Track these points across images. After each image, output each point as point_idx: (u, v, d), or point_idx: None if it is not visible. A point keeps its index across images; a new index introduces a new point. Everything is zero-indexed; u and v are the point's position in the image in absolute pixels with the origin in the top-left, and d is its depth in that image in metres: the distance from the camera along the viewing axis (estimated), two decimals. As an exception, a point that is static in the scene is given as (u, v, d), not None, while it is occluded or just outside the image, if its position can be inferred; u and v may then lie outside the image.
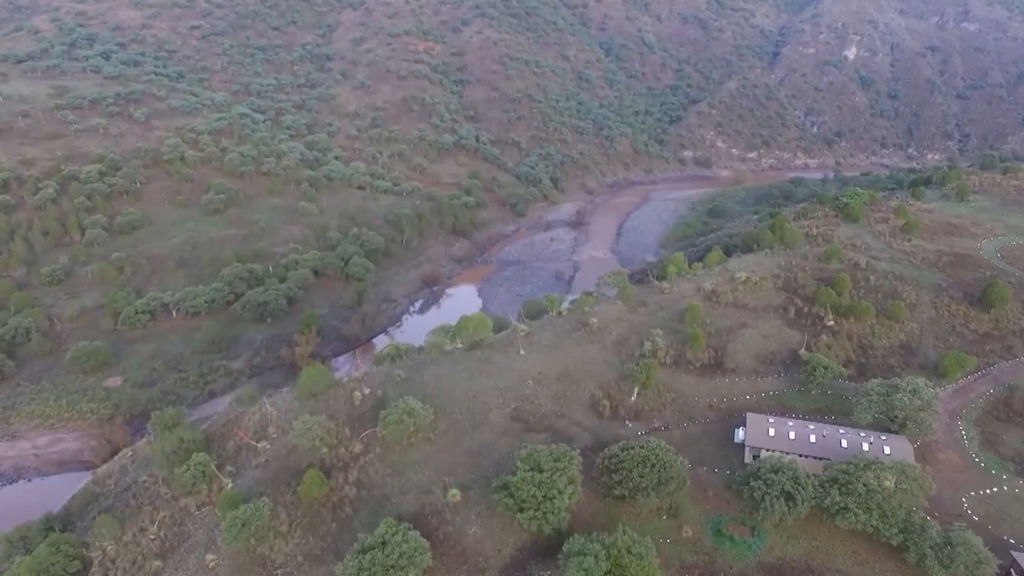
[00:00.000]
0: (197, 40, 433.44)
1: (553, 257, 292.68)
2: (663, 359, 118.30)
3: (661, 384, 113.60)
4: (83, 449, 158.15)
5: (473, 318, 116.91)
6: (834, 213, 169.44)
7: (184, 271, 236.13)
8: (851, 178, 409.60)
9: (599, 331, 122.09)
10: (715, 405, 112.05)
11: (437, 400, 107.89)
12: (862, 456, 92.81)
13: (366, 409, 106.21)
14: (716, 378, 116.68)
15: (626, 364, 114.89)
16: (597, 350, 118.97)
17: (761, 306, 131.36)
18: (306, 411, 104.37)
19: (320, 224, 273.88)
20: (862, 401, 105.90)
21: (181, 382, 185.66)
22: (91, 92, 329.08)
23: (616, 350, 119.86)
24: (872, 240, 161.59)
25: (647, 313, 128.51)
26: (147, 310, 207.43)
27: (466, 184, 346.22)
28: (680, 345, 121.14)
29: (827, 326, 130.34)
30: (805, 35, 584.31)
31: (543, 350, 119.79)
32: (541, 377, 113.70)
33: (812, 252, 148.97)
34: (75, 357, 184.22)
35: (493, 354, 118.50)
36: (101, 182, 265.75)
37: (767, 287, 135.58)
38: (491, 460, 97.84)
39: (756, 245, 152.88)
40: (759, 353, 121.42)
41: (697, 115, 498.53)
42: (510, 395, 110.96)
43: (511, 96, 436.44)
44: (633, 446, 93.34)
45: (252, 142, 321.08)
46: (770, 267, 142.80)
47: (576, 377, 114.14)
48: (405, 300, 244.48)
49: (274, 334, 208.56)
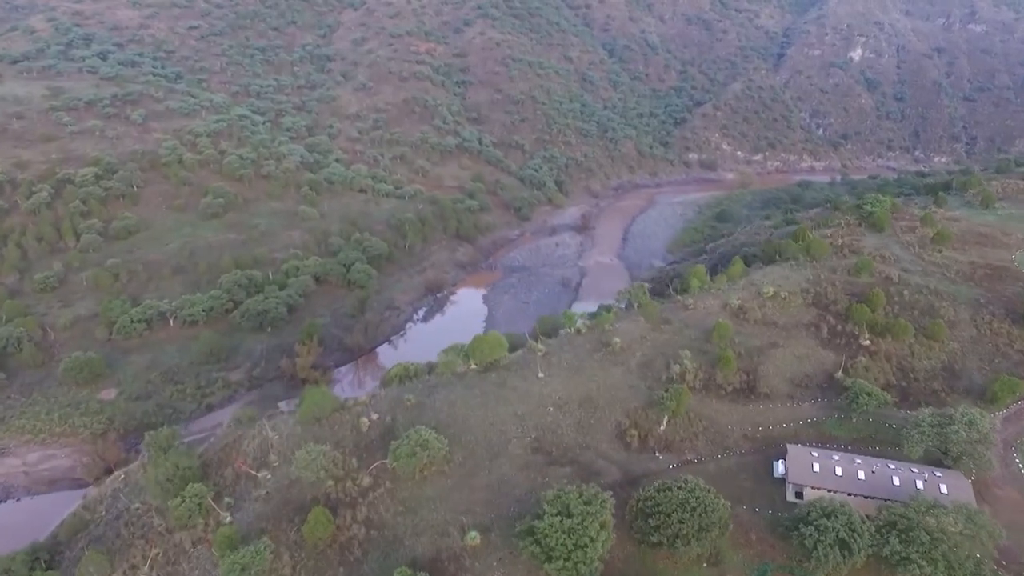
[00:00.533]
0: (196, 40, 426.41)
1: (559, 263, 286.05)
2: (692, 383, 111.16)
3: (691, 411, 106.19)
4: (75, 466, 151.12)
5: (488, 338, 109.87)
6: (857, 222, 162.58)
7: (181, 278, 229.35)
8: (859, 182, 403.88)
9: (622, 351, 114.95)
10: (750, 434, 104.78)
11: (451, 428, 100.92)
12: (920, 497, 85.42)
13: (374, 437, 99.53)
14: (749, 404, 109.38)
15: (653, 389, 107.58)
16: (621, 373, 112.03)
17: (792, 323, 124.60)
18: (310, 437, 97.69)
19: (321, 229, 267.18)
20: (913, 433, 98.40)
21: (178, 395, 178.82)
22: (87, 93, 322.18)
23: (641, 373, 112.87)
24: (901, 251, 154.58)
25: (672, 331, 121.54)
26: (143, 319, 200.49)
27: (469, 187, 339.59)
28: (709, 367, 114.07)
29: (863, 346, 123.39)
30: (810, 36, 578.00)
31: (563, 372, 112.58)
32: (562, 403, 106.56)
33: (841, 265, 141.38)
34: (68, 368, 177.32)
35: (510, 377, 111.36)
36: (97, 186, 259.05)
37: (796, 303, 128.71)
38: (512, 497, 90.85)
39: (778, 256, 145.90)
40: (793, 376, 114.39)
41: (702, 117, 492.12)
42: (530, 423, 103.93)
43: (514, 98, 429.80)
44: (670, 486, 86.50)
45: (251, 144, 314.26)
46: (798, 281, 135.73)
47: (600, 403, 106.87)
48: (408, 308, 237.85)
49: (274, 344, 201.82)
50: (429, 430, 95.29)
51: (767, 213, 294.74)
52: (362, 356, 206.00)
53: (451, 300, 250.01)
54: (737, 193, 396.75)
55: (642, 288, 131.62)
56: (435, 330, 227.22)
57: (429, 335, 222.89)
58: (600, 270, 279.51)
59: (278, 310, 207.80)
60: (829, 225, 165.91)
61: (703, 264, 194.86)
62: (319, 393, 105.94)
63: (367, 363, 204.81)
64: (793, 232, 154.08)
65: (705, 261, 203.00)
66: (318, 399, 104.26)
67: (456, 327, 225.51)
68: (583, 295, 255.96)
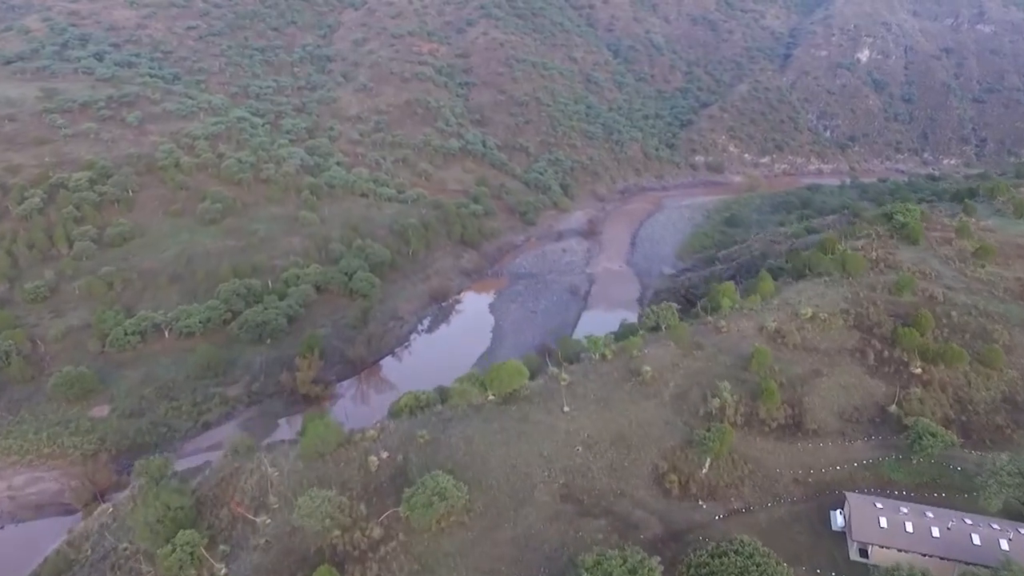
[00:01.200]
0: (194, 41, 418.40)
1: (566, 269, 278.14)
2: (732, 418, 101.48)
3: (735, 451, 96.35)
4: (63, 490, 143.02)
5: (507, 367, 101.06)
6: (888, 233, 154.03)
7: (178, 286, 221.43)
8: (870, 185, 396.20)
9: (653, 381, 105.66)
10: (801, 479, 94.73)
11: (469, 470, 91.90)
12: (1010, 562, 74.51)
13: (385, 479, 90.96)
14: (796, 442, 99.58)
15: (691, 425, 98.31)
16: (654, 407, 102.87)
17: (834, 349, 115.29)
18: (312, 476, 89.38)
19: (322, 235, 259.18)
20: (990, 483, 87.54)
21: (173, 412, 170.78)
22: (82, 95, 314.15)
23: (676, 406, 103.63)
24: (941, 266, 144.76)
25: (705, 357, 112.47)
26: (137, 331, 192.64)
27: (474, 191, 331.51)
28: (750, 400, 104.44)
29: (914, 374, 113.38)
30: (817, 37, 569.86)
31: (590, 406, 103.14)
32: (592, 442, 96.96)
33: (879, 282, 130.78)
34: (58, 384, 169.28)
35: (532, 410, 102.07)
36: (91, 190, 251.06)
37: (837, 325, 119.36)
38: (541, 554, 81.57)
39: (808, 270, 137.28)
40: (842, 409, 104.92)
41: (708, 119, 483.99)
42: (557, 465, 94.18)
43: (518, 99, 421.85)
44: (725, 551, 76.89)
45: (250, 147, 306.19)
46: (835, 300, 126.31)
47: (634, 442, 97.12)
48: (413, 318, 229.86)
49: (274, 356, 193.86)
50: (447, 476, 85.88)
51: (780, 219, 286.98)
52: (365, 369, 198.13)
53: (456, 309, 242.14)
54: (746, 197, 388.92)
55: (670, 309, 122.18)
56: (440, 341, 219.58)
57: (434, 347, 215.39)
58: (609, 277, 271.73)
59: (278, 321, 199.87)
60: (857, 236, 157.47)
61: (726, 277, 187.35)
62: (322, 425, 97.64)
63: (370, 377, 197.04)
64: (820, 243, 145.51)
65: (723, 272, 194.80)
66: (321, 432, 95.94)
67: (462, 338, 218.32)
68: (592, 303, 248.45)
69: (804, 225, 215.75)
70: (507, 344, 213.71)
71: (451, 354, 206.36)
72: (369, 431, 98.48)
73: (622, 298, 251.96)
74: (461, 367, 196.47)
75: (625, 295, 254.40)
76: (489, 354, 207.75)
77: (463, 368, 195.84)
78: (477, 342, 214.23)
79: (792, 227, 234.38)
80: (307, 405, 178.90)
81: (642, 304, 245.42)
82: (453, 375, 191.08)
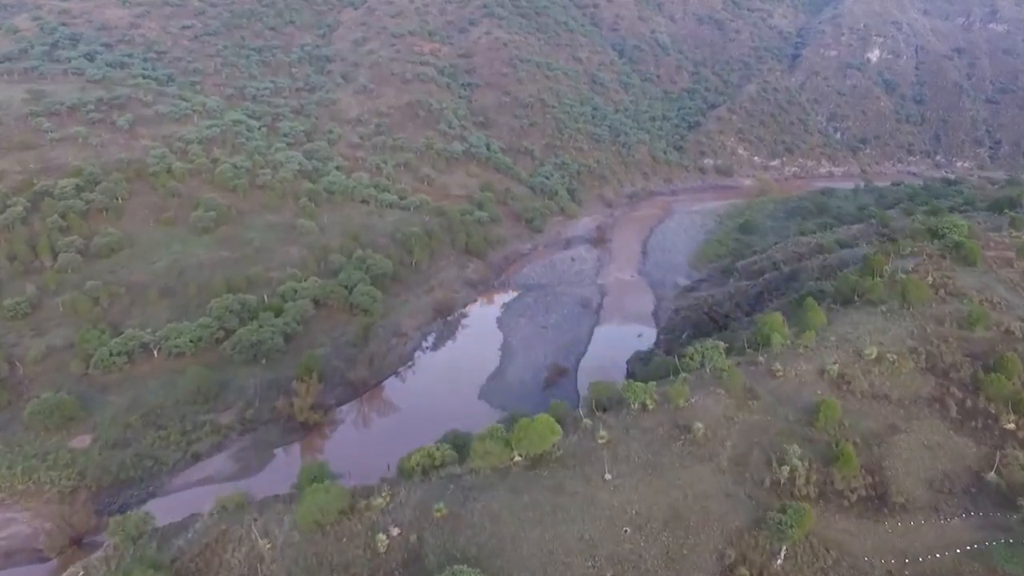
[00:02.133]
0: (189, 41, 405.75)
1: (576, 280, 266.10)
2: (804, 489, 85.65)
3: (813, 534, 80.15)
4: (37, 534, 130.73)
5: (537, 424, 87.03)
6: (940, 252, 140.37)
7: (168, 301, 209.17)
8: (885, 189, 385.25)
9: (707, 441, 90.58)
10: (896, 571, 77.70)
11: (497, 559, 76.61)
12: None
13: (395, 564, 77.17)
14: (883, 519, 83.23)
15: (756, 497, 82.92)
16: (711, 474, 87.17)
17: (907, 397, 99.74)
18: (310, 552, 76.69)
19: (320, 244, 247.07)
20: None
21: (160, 442, 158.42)
22: (71, 97, 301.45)
23: (737, 473, 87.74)
24: (1008, 293, 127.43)
25: (762, 409, 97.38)
26: (124, 351, 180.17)
27: (478, 197, 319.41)
28: (822, 465, 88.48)
29: (1007, 431, 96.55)
30: (826, 36, 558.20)
31: (635, 471, 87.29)
32: (642, 520, 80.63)
33: (944, 313, 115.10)
34: (35, 412, 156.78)
35: (567, 477, 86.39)
36: (78, 198, 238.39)
37: (907, 368, 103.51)
38: None
39: (856, 296, 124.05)
40: (930, 476, 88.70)
41: (717, 120, 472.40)
42: (602, 552, 77.80)
43: (523, 101, 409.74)
44: None
45: (246, 152, 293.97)
46: (900, 336, 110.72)
47: (692, 522, 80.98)
48: (417, 334, 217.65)
49: (269, 378, 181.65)
50: (472, 572, 70.91)
51: (798, 226, 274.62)
52: (367, 391, 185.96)
53: (462, 324, 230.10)
54: (757, 201, 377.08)
55: (717, 348, 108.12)
56: (446, 360, 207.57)
57: (440, 366, 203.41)
58: (621, 288, 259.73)
59: (274, 340, 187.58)
60: (901, 253, 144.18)
61: (753, 294, 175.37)
62: (321, 491, 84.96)
63: (372, 399, 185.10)
64: (866, 263, 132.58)
65: (750, 289, 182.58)
66: (321, 499, 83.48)
67: (469, 356, 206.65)
68: (605, 317, 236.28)
69: (834, 238, 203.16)
70: (517, 363, 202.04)
71: (457, 374, 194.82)
72: (376, 499, 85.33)
73: (636, 311, 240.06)
74: (469, 388, 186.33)
75: (639, 308, 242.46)
76: (498, 374, 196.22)
77: (471, 390, 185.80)
78: (485, 360, 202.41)
79: (817, 237, 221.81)
80: (305, 433, 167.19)
81: (657, 317, 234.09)
82: (460, 398, 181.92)
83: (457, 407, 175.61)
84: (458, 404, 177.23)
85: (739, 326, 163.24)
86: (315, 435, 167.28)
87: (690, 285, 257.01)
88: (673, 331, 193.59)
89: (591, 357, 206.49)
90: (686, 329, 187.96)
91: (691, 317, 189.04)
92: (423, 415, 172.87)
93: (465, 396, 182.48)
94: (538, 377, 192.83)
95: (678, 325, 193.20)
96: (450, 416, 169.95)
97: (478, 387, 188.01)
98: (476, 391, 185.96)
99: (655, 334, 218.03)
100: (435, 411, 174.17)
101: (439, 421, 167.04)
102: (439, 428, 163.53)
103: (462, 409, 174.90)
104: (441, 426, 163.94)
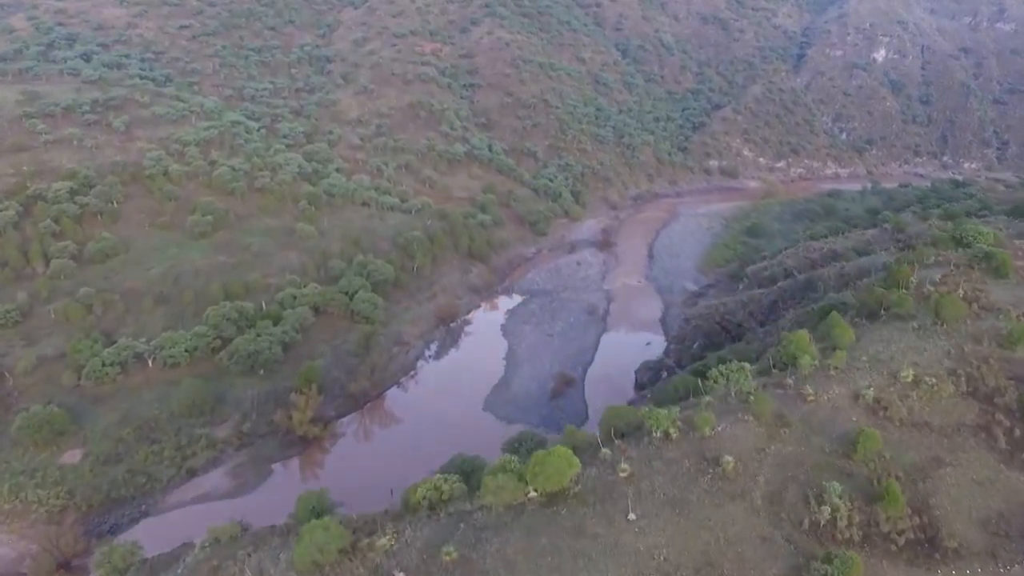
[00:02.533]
0: (187, 41, 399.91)
1: (582, 285, 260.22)
2: (846, 532, 77.16)
3: None
4: (23, 557, 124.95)
5: (554, 457, 79.81)
6: (967, 262, 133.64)
7: (163, 309, 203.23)
8: (894, 191, 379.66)
9: (738, 475, 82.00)
10: None
11: None
12: None
13: None
14: (935, 567, 74.78)
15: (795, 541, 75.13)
16: (744, 514, 78.99)
17: (950, 425, 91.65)
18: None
19: (320, 249, 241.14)
20: None
21: (153, 457, 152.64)
22: (66, 98, 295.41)
23: (772, 513, 79.46)
24: None
25: (795, 439, 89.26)
26: (117, 361, 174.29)
27: (481, 200, 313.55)
28: (864, 503, 79.97)
29: None
30: (831, 36, 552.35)
31: (661, 510, 79.24)
32: (670, 568, 72.53)
33: (982, 330, 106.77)
34: (24, 427, 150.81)
35: (587, 516, 78.38)
36: (71, 202, 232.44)
37: (947, 392, 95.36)
38: None
39: (883, 310, 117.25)
40: (983, 516, 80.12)
41: (722, 121, 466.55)
42: None
43: (525, 101, 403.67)
44: None
45: (245, 154, 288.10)
46: (936, 356, 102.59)
47: (725, 570, 72.73)
48: (419, 342, 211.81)
49: (267, 390, 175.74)
50: None
51: (810, 232, 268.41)
52: (368, 403, 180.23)
53: (466, 331, 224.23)
54: (764, 204, 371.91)
55: (743, 372, 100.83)
56: (450, 369, 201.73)
57: (443, 375, 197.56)
58: (628, 294, 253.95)
59: (272, 350, 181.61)
60: (924, 263, 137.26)
61: (767, 303, 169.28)
62: (321, 527, 78.46)
63: (374, 411, 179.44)
64: (891, 274, 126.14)
65: (763, 297, 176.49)
66: (320, 538, 76.89)
67: (473, 365, 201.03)
68: (612, 324, 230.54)
69: (849, 244, 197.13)
70: (522, 372, 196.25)
71: (461, 384, 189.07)
72: (380, 539, 79.20)
73: (644, 318, 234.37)
74: (473, 399, 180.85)
75: (647, 314, 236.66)
76: (503, 384, 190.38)
77: (475, 401, 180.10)
78: (489, 370, 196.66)
79: (830, 242, 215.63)
80: (304, 447, 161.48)
81: (665, 324, 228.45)
82: (465, 409, 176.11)
83: (461, 419, 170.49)
84: (462, 416, 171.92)
85: (754, 336, 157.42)
86: (315, 449, 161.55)
87: (699, 291, 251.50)
88: (684, 340, 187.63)
89: (598, 366, 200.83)
90: (697, 338, 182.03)
91: (702, 326, 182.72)
92: (426, 428, 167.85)
93: (469, 407, 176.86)
94: (544, 387, 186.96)
95: (689, 334, 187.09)
96: (454, 429, 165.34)
97: (482, 398, 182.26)
98: (481, 402, 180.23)
99: (664, 342, 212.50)
100: (438, 424, 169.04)
101: (443, 434, 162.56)
102: (442, 442, 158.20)
103: (466, 421, 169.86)
104: (445, 439, 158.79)
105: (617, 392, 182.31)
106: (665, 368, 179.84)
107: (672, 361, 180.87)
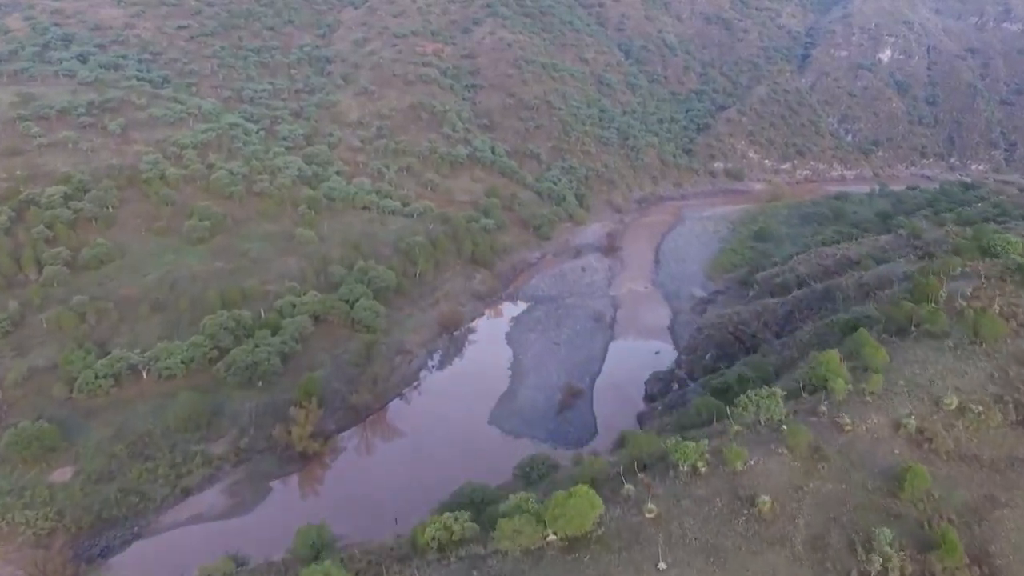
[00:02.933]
0: (185, 41, 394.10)
1: (588, 291, 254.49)
2: None
3: None
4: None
5: (575, 498, 72.78)
6: (998, 275, 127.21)
7: (159, 317, 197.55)
8: (902, 194, 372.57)
9: (775, 517, 74.76)
10: None
11: None
12: None
13: None
14: None
15: None
16: (785, 562, 70.99)
17: (1002, 459, 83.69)
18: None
19: (320, 255, 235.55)
20: None
21: (147, 475, 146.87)
22: (61, 100, 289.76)
23: (816, 561, 71.41)
24: None
25: (835, 475, 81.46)
26: (110, 373, 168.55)
27: (484, 203, 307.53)
28: (915, 549, 72.22)
29: None
30: (836, 36, 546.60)
31: (694, 558, 71.64)
32: None
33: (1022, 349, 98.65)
34: (13, 443, 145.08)
35: (612, 564, 70.67)
36: (65, 207, 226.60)
37: (995, 421, 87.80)
38: None
39: (913, 326, 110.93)
40: None
41: (726, 123, 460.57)
42: None
43: (528, 103, 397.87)
44: None
45: (243, 157, 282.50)
46: (979, 379, 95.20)
47: None
48: (422, 351, 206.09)
49: (266, 402, 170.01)
50: None
51: (820, 236, 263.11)
52: (370, 416, 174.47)
53: (470, 339, 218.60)
54: (770, 207, 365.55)
55: (774, 398, 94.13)
56: (453, 379, 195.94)
57: (447, 386, 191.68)
58: (635, 300, 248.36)
59: (271, 361, 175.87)
60: (951, 274, 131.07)
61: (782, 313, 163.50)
62: (320, 572, 72.98)
63: (376, 424, 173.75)
64: (918, 287, 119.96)
65: (779, 307, 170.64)
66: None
67: (478, 375, 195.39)
68: (619, 332, 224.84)
69: (865, 251, 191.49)
70: (528, 383, 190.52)
71: (466, 396, 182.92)
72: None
73: (652, 325, 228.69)
74: (478, 412, 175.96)
75: (655, 321, 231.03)
76: (509, 395, 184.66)
77: (480, 413, 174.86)
78: (495, 380, 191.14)
79: (843, 248, 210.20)
80: (304, 463, 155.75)
81: (674, 332, 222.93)
82: (470, 422, 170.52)
83: (466, 433, 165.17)
84: (467, 430, 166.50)
85: (770, 349, 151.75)
86: (315, 465, 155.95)
87: (707, 297, 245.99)
88: (695, 351, 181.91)
89: (607, 376, 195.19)
90: (709, 349, 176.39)
91: (714, 336, 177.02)
92: (430, 443, 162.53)
93: (474, 420, 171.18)
94: (551, 399, 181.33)
95: (701, 344, 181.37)
96: (459, 444, 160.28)
97: (488, 410, 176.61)
98: (486, 415, 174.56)
99: (672, 350, 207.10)
100: (443, 438, 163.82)
101: (447, 449, 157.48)
102: (447, 458, 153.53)
103: (472, 436, 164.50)
104: (449, 455, 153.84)
105: (626, 404, 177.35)
106: (676, 380, 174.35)
107: (684, 372, 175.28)
